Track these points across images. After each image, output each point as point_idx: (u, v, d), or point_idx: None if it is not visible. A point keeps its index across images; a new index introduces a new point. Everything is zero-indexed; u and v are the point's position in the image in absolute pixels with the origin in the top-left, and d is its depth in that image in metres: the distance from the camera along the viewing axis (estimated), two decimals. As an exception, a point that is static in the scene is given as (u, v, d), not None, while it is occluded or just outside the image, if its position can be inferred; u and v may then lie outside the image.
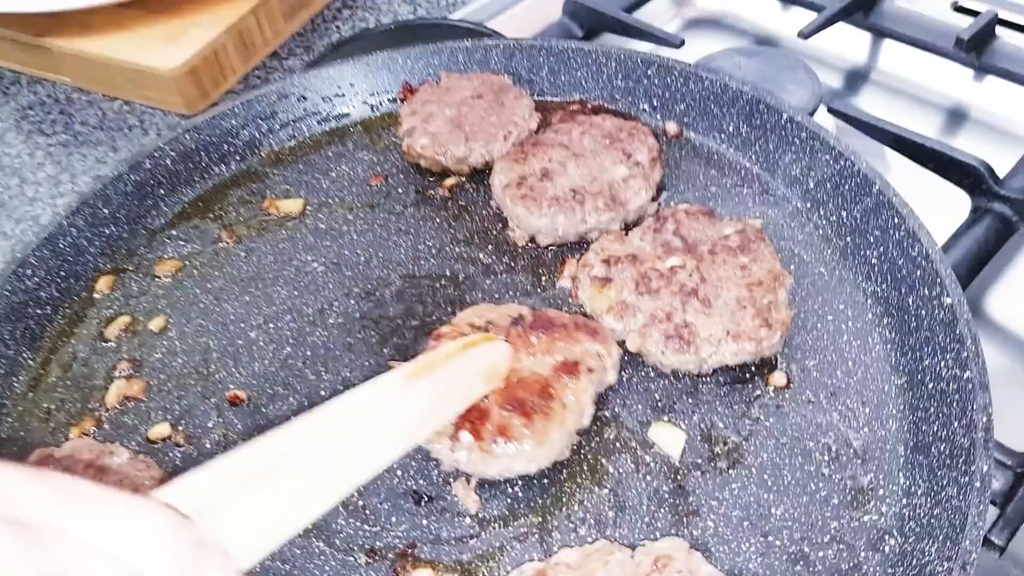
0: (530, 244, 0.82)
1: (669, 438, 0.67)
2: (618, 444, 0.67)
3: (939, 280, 0.67)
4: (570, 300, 0.76)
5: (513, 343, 0.66)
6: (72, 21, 1.12)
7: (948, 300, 0.66)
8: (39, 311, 0.83)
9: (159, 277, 0.86)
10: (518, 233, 0.82)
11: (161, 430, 0.73)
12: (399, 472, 0.67)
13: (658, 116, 0.92)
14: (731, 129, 0.87)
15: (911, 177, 0.94)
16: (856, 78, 1.20)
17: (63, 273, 0.86)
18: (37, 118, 1.17)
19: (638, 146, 0.83)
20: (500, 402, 0.62)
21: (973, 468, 0.56)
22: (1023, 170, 0.90)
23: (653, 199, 0.82)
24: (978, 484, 0.55)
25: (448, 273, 0.81)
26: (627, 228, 0.80)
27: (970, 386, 0.61)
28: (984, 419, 0.58)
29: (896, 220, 0.72)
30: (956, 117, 1.10)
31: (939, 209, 0.89)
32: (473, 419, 0.62)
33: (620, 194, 0.80)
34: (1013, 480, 0.66)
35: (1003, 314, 0.89)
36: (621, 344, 0.70)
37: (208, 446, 0.71)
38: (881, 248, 0.74)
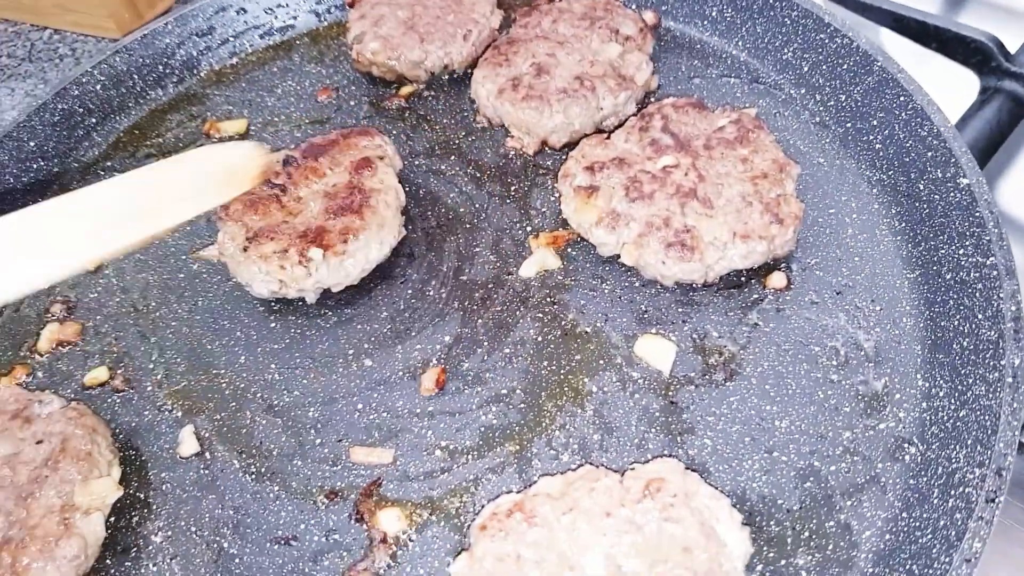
0: (546, 149, 0.74)
1: (658, 351, 0.60)
2: (601, 361, 0.60)
3: (953, 159, 0.59)
4: (560, 217, 0.68)
5: (299, 178, 0.67)
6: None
7: (965, 181, 0.58)
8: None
9: (93, 212, 0.78)
10: (527, 141, 0.74)
11: (98, 375, 0.66)
12: (360, 405, 0.60)
13: (633, 4, 0.84)
14: (714, 14, 0.79)
15: (913, 63, 0.85)
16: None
17: (-13, 213, 0.77)
18: (-40, 53, 1.07)
19: (621, 20, 0.76)
20: (325, 215, 0.64)
21: (1003, 363, 0.50)
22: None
23: (653, 72, 0.75)
24: (1010, 379, 0.49)
25: (408, 189, 0.73)
26: (607, 131, 0.72)
27: (995, 273, 0.54)
28: (1013, 308, 0.51)
29: (902, 98, 0.65)
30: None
31: (945, 94, 0.81)
32: (312, 239, 0.63)
33: (624, 71, 0.73)
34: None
35: (1018, 205, 0.82)
36: (616, 257, 0.63)
37: (149, 388, 0.64)
38: (886, 131, 0.66)
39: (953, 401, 0.53)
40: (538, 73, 0.73)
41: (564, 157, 0.70)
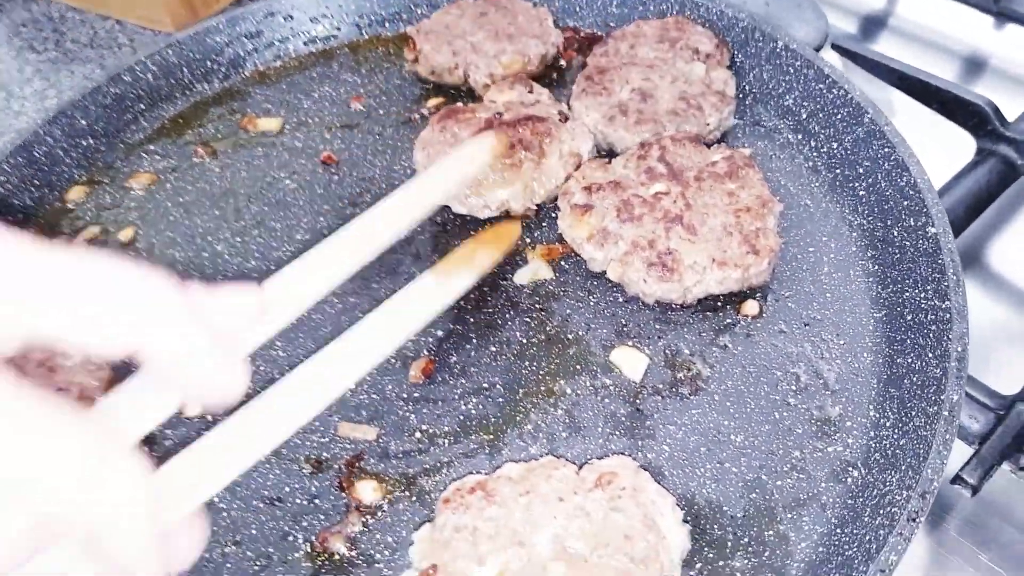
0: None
1: (631, 361, 0.64)
2: (578, 366, 0.65)
3: (925, 209, 0.63)
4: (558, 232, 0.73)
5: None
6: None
7: (932, 230, 0.62)
8: (11, 218, 0.82)
9: (132, 189, 0.84)
10: None
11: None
12: (352, 387, 0.65)
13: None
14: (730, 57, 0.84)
15: (917, 123, 0.90)
16: (872, 24, 1.15)
17: (37, 182, 0.84)
18: (30, 35, 1.15)
19: (697, 39, 0.81)
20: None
21: (943, 397, 0.53)
22: (1034, 113, 0.85)
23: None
24: (946, 413, 0.52)
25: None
26: (609, 157, 0.77)
27: (948, 316, 0.57)
28: (959, 349, 0.55)
29: (886, 150, 0.69)
30: (974, 65, 1.05)
31: (945, 155, 0.85)
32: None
33: (716, 87, 0.78)
34: (995, 422, 0.62)
35: (1004, 265, 0.85)
36: (601, 274, 0.67)
37: (164, 354, 0.69)
38: (870, 179, 0.70)
39: (896, 431, 0.56)
40: (643, 99, 0.77)
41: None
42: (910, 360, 0.59)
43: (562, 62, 0.89)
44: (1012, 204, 0.87)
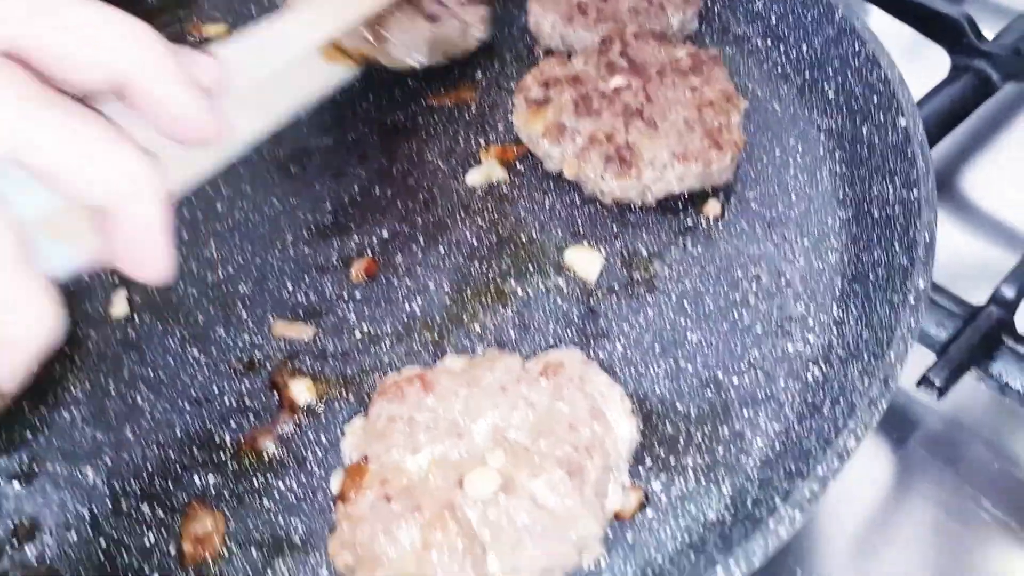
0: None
1: (586, 261, 0.61)
2: (530, 267, 0.61)
3: (895, 103, 0.60)
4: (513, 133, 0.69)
5: None
6: None
7: (903, 121, 0.59)
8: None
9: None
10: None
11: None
12: (290, 286, 0.61)
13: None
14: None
15: (893, 41, 0.86)
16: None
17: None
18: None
19: None
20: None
21: (908, 284, 0.50)
22: (1012, 28, 0.82)
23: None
24: (911, 301, 0.49)
25: (371, 98, 0.74)
26: (570, 54, 0.73)
27: (916, 206, 0.54)
28: (927, 236, 0.52)
29: (856, 46, 0.65)
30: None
31: (920, 73, 0.82)
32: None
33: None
34: (961, 326, 0.60)
35: (976, 188, 0.82)
36: (558, 175, 0.64)
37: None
38: (839, 79, 0.67)
39: (859, 324, 0.53)
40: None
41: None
42: (876, 255, 0.56)
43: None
44: (987, 125, 0.84)
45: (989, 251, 0.76)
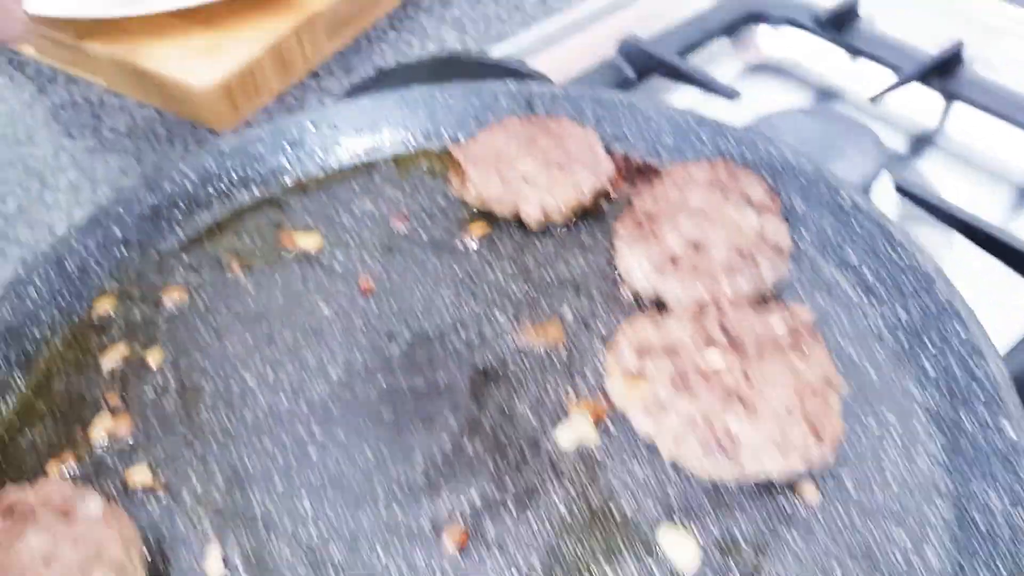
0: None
1: (683, 551, 0.60)
2: (622, 546, 0.61)
3: (1001, 405, 0.59)
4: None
5: None
6: (112, 27, 1.09)
7: (1009, 429, 0.58)
8: (37, 332, 0.79)
9: (163, 305, 0.82)
10: None
11: (141, 477, 0.68)
12: (381, 554, 0.61)
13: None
14: (787, 203, 0.80)
15: (977, 262, 0.87)
16: (921, 142, 1.12)
17: (66, 293, 0.82)
18: (67, 118, 1.14)
19: (749, 184, 0.77)
20: None
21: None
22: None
23: None
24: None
25: (463, 335, 0.75)
26: (658, 307, 0.74)
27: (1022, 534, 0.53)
28: (1042, 579, 0.51)
29: (958, 328, 0.65)
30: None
31: (1007, 301, 0.82)
32: None
33: (770, 238, 0.73)
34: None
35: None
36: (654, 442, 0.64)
37: (186, 499, 0.66)
38: (938, 356, 0.66)
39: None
40: (695, 250, 0.73)
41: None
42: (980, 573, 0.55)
43: (613, 194, 0.86)
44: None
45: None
